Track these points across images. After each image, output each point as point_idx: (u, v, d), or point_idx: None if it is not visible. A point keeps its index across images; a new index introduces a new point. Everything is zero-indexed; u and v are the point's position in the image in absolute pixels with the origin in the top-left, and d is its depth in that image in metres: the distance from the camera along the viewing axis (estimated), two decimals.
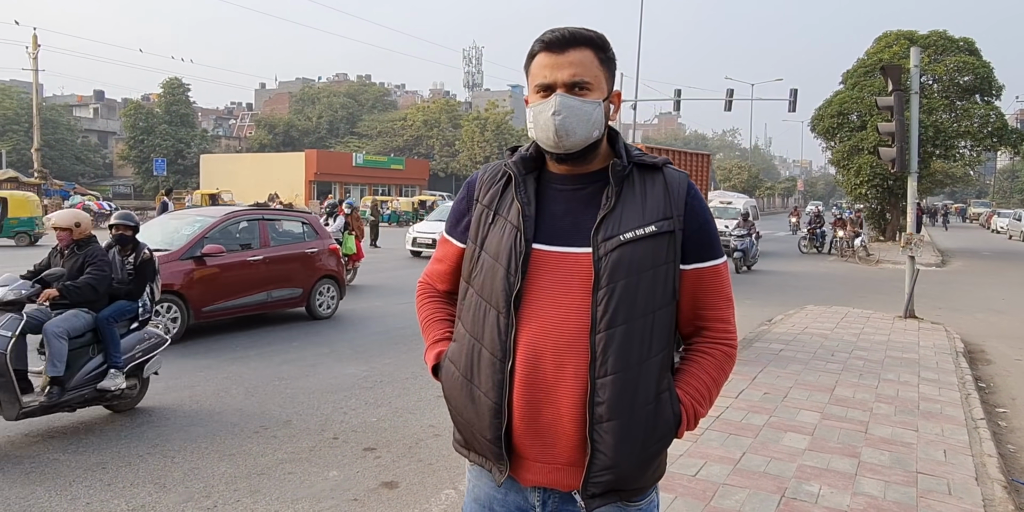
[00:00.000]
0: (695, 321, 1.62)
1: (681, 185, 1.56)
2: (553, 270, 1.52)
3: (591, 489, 1.48)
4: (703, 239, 1.57)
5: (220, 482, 4.15)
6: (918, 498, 3.90)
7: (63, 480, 4.11)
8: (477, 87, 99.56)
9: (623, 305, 1.46)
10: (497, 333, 1.52)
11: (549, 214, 1.56)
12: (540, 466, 1.53)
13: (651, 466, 1.54)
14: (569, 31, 1.53)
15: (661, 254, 1.51)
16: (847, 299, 12.72)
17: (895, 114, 10.06)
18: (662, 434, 1.51)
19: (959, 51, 24.81)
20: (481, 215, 1.62)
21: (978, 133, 23.96)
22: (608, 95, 1.56)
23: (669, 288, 1.53)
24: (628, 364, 1.46)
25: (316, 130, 65.34)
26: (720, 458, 4.39)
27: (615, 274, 1.47)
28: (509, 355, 1.51)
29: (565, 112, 1.49)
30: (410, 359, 7.35)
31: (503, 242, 1.55)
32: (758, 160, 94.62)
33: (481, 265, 1.58)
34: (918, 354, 7.82)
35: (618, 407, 1.45)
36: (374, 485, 4.18)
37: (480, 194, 1.65)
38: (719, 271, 1.60)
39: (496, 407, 1.53)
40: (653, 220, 1.51)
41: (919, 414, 5.52)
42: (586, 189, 1.57)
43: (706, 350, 1.61)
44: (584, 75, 1.51)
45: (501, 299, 1.53)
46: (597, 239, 1.49)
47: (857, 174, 25.24)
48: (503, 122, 58.08)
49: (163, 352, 5.57)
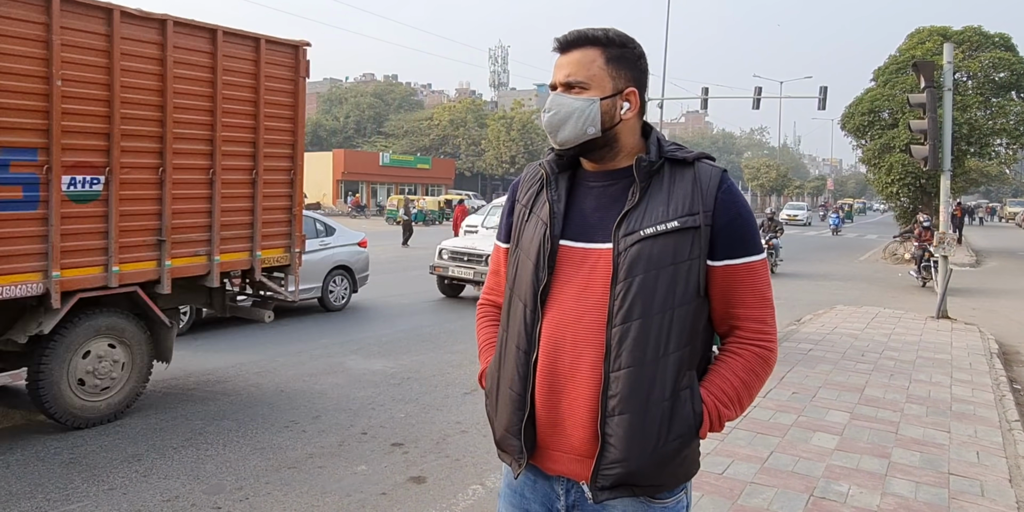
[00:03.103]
0: (728, 320, 1.58)
1: (712, 179, 1.53)
2: (578, 265, 1.55)
3: (600, 481, 1.49)
4: (734, 235, 1.53)
5: (251, 475, 4.23)
6: (950, 499, 3.86)
7: (100, 470, 4.22)
8: (503, 86, 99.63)
9: (639, 300, 1.47)
10: (524, 326, 1.57)
11: (579, 211, 1.59)
12: (560, 456, 1.56)
13: (668, 464, 1.50)
14: (577, 31, 1.57)
15: (684, 250, 1.49)
16: (877, 299, 12.55)
17: (927, 111, 9.90)
18: (679, 433, 1.49)
19: (995, 47, 24.29)
20: (519, 214, 1.67)
21: (1014, 131, 23.44)
22: (614, 93, 1.56)
23: (692, 285, 1.50)
24: (642, 359, 1.46)
25: (343, 130, 65.87)
26: (747, 457, 4.37)
27: (633, 269, 1.48)
28: (534, 348, 1.55)
29: (554, 109, 1.56)
30: (436, 356, 7.41)
31: (533, 238, 1.59)
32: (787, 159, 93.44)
33: (515, 261, 1.63)
34: (951, 355, 7.70)
35: (630, 401, 1.46)
36: (402, 480, 4.23)
37: (521, 195, 1.70)
38: (753, 269, 1.55)
39: (520, 399, 1.56)
40: (677, 216, 1.50)
41: (951, 415, 5.44)
42: (615, 185, 1.59)
43: (736, 351, 1.57)
44: (578, 75, 1.55)
45: (529, 294, 1.57)
46: (618, 235, 1.50)
47: (888, 173, 24.81)
48: (529, 121, 58.02)
49: (188, 347, 5.65)
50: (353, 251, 10.51)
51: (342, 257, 10.20)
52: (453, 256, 11.14)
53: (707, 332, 1.59)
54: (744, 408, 1.58)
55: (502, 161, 57.59)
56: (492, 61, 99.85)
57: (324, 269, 9.84)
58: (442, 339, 8.33)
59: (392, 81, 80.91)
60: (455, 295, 11.62)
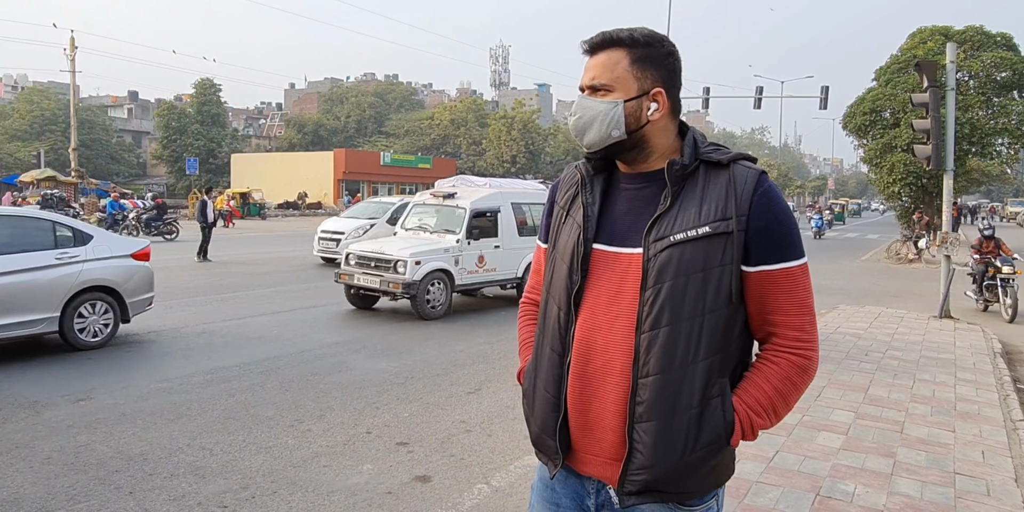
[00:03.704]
0: (765, 326, 1.54)
1: (748, 182, 1.49)
2: (610, 269, 1.54)
3: (627, 486, 1.49)
4: (770, 239, 1.48)
5: (257, 474, 4.23)
6: (956, 499, 3.86)
7: (106, 470, 4.22)
8: (504, 86, 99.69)
9: (668, 307, 1.45)
10: (558, 329, 1.58)
11: (613, 214, 1.59)
12: (591, 458, 1.57)
13: (696, 472, 1.49)
14: (603, 33, 1.57)
15: (715, 256, 1.46)
16: (879, 299, 12.54)
17: (930, 111, 9.90)
18: (708, 441, 1.47)
19: (996, 46, 24.27)
20: (557, 216, 1.68)
21: (1016, 130, 23.42)
22: (639, 94, 1.54)
23: (724, 292, 1.47)
24: (670, 366, 1.45)
25: (344, 129, 65.89)
26: (753, 456, 4.37)
27: (662, 275, 1.46)
28: (567, 351, 1.55)
29: (579, 113, 1.57)
30: (440, 355, 7.41)
31: (568, 241, 1.60)
32: (788, 158, 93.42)
33: (551, 264, 1.64)
34: (954, 354, 7.70)
35: (657, 408, 1.45)
36: (407, 479, 4.23)
37: (559, 197, 1.70)
38: (791, 274, 1.50)
39: (554, 401, 1.57)
40: (709, 221, 1.46)
41: (956, 415, 5.44)
42: (648, 188, 1.57)
43: (771, 358, 1.53)
44: (602, 77, 1.54)
45: (563, 297, 1.58)
46: (648, 239, 1.49)
47: (890, 172, 24.80)
48: (530, 121, 58.02)
49: (194, 346, 5.65)
50: (120, 266, 7.65)
51: (98, 275, 7.40)
52: (360, 262, 9.78)
53: (743, 338, 1.55)
54: (780, 417, 1.54)
55: (503, 161, 57.55)
56: (493, 61, 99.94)
57: (63, 292, 7.08)
58: (444, 338, 8.34)
59: (393, 81, 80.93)
60: (367, 307, 10.29)
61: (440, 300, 9.69)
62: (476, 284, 10.44)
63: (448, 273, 9.77)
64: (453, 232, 10.11)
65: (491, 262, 10.41)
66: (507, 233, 10.61)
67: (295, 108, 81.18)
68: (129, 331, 8.14)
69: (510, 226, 10.67)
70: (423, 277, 9.37)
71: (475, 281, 10.33)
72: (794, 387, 1.52)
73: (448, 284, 9.81)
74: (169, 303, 10.06)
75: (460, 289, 10.18)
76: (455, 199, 10.45)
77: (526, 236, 10.81)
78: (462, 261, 9.97)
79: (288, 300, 10.82)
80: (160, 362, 6.86)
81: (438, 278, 9.64)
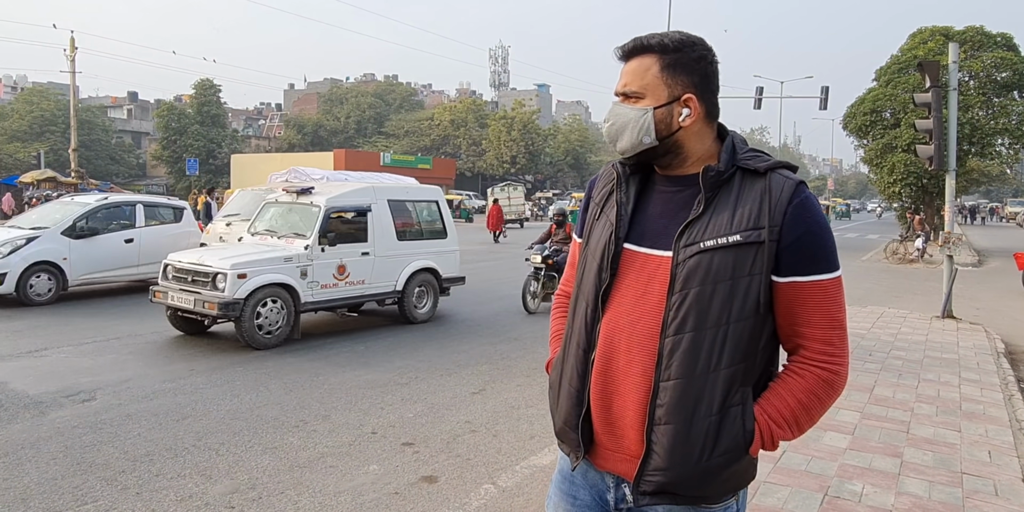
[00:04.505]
0: (793, 338, 1.52)
1: (784, 192, 1.47)
2: (639, 270, 1.55)
3: (642, 486, 1.50)
4: (803, 251, 1.46)
5: (264, 474, 4.22)
6: (964, 498, 3.85)
7: (112, 470, 4.21)
8: (503, 86, 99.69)
9: (693, 313, 1.45)
10: (585, 325, 1.60)
11: (646, 215, 1.59)
12: (610, 454, 1.58)
13: (715, 477, 1.48)
14: (636, 39, 1.57)
15: (745, 265, 1.45)
16: (881, 299, 12.54)
17: (933, 111, 9.90)
18: (727, 448, 1.46)
19: (996, 47, 24.31)
20: (592, 213, 1.69)
21: (1016, 130, 23.46)
22: (669, 100, 1.53)
23: (751, 301, 1.46)
24: (692, 372, 1.45)
25: (344, 130, 65.85)
26: (760, 456, 4.33)
27: (689, 281, 1.46)
28: (593, 347, 1.57)
29: (612, 120, 1.59)
30: (443, 356, 7.41)
31: (600, 239, 1.61)
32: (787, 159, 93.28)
33: (583, 260, 1.66)
34: (958, 354, 7.70)
35: (676, 412, 1.45)
36: (414, 479, 4.23)
37: (595, 193, 1.72)
38: (823, 287, 1.48)
39: (578, 395, 1.59)
40: (740, 229, 1.45)
41: (961, 415, 5.43)
42: (683, 192, 1.57)
43: (797, 371, 1.52)
44: (632, 85, 1.56)
45: (591, 293, 1.59)
46: (679, 244, 1.49)
47: (891, 173, 24.83)
48: (530, 121, 58.02)
49: (198, 345, 5.64)
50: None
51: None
52: (178, 276, 7.74)
53: (769, 348, 1.54)
54: (803, 430, 1.53)
55: (503, 161, 57.57)
56: (492, 61, 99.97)
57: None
58: (448, 339, 8.33)
59: (392, 81, 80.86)
60: (196, 332, 8.10)
61: (277, 323, 7.59)
62: (336, 301, 8.34)
63: (290, 288, 7.72)
64: (303, 236, 8.10)
65: (357, 273, 8.44)
66: (381, 237, 8.71)
67: (295, 109, 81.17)
68: (130, 332, 8.13)
69: (385, 228, 8.79)
70: (249, 294, 7.32)
71: (334, 297, 8.26)
72: (819, 401, 1.50)
73: (291, 303, 7.73)
74: None
75: (312, 308, 8.09)
76: (310, 195, 8.49)
77: (410, 241, 9.16)
78: (313, 273, 7.94)
79: None
80: (163, 363, 6.85)
81: (274, 295, 7.56)
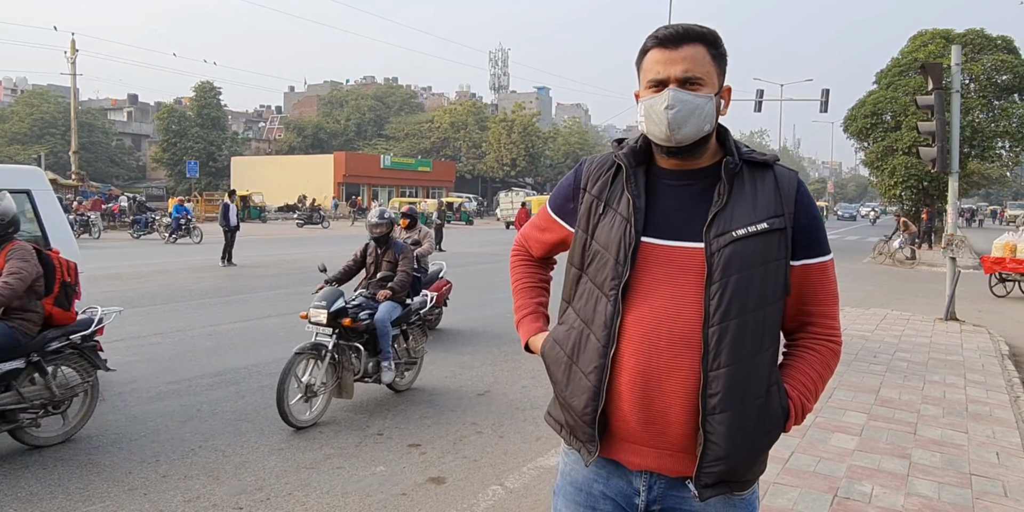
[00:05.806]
0: (800, 317, 1.64)
1: (791, 183, 1.59)
2: (666, 264, 1.55)
3: (704, 479, 1.51)
4: (812, 236, 1.59)
5: (271, 475, 4.21)
6: (974, 500, 3.85)
7: (119, 471, 4.20)
8: (503, 89, 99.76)
9: (736, 300, 1.49)
10: (604, 320, 1.57)
11: (660, 208, 1.59)
12: (649, 451, 1.57)
13: (760, 458, 1.58)
14: (683, 27, 1.55)
15: (772, 251, 1.53)
16: (883, 301, 12.54)
17: (935, 113, 9.91)
18: (770, 428, 1.54)
19: (997, 49, 24.37)
20: (591, 205, 1.66)
21: (1016, 133, 23.50)
22: (719, 90, 1.57)
23: (780, 284, 1.55)
24: (740, 357, 1.49)
25: (344, 132, 65.89)
26: (769, 457, 4.34)
27: (728, 269, 1.49)
28: (613, 342, 1.55)
29: (678, 106, 1.51)
30: (447, 358, 7.40)
31: (613, 233, 1.59)
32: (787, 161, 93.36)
33: (593, 255, 1.63)
34: (962, 356, 7.69)
35: (730, 399, 1.48)
36: (421, 480, 4.22)
37: (588, 184, 1.69)
38: (826, 268, 1.62)
39: (595, 390, 1.57)
40: (765, 217, 1.53)
41: (968, 416, 5.43)
42: (696, 185, 1.59)
43: (812, 345, 1.64)
44: (696, 71, 1.53)
45: (609, 288, 1.57)
46: (710, 235, 1.51)
47: (891, 175, 24.86)
48: (529, 124, 58.11)
49: (203, 346, 5.63)
50: None
51: None
52: None
53: None
54: (817, 399, 1.65)
55: (503, 163, 57.64)
56: (492, 64, 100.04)
57: None
58: (451, 342, 8.32)
59: (392, 84, 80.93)
60: None
61: None
62: None
63: None
64: None
65: None
66: None
67: (295, 111, 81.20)
68: (133, 333, 8.12)
69: None
70: None
71: None
72: (830, 371, 1.65)
73: None
74: (174, 305, 10.04)
75: None
76: None
77: None
78: None
79: (294, 303, 10.78)
80: (168, 364, 6.84)
81: None
